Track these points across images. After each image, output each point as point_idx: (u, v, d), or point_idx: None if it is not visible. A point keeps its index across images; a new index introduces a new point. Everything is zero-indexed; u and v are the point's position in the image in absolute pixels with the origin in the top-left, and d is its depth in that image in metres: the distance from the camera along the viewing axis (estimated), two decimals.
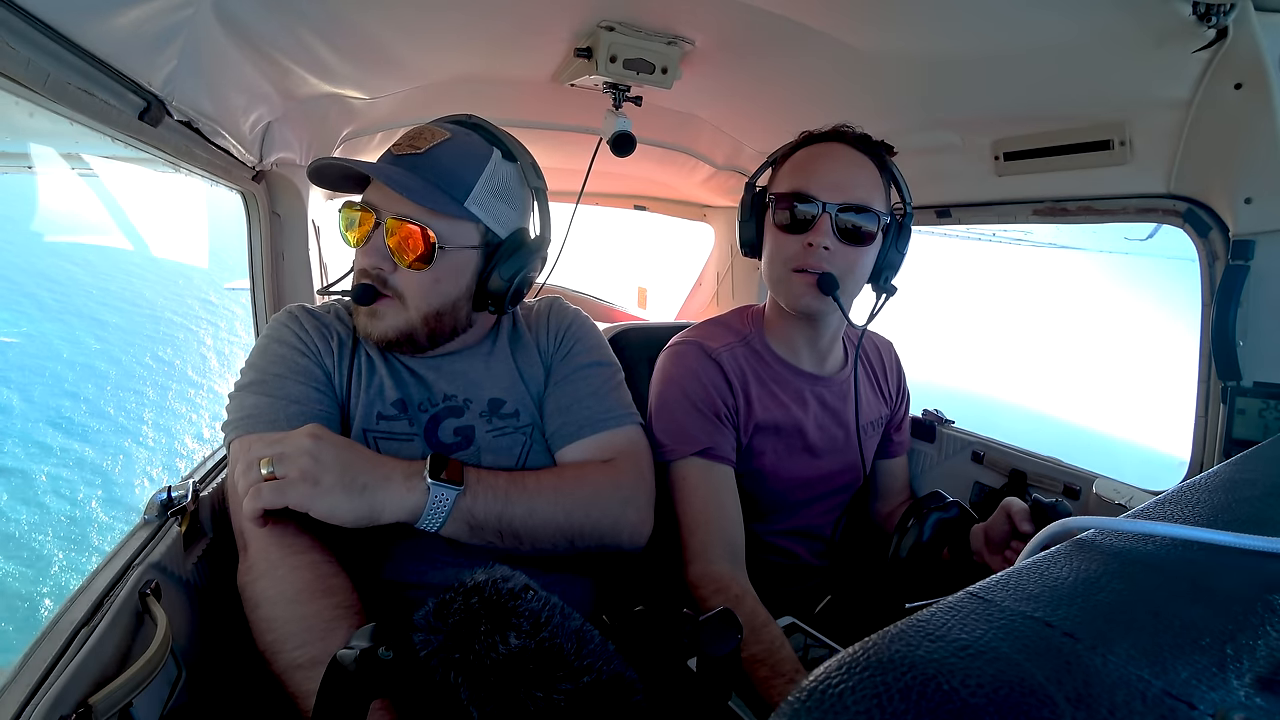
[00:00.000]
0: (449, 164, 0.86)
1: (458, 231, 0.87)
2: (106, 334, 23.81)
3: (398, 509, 0.76)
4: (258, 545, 0.78)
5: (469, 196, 0.86)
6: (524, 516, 0.83)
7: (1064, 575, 0.31)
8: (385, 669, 0.50)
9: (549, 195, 0.97)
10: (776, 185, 1.09)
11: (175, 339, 26.99)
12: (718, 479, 1.05)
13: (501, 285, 0.90)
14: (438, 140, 0.87)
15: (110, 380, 18.30)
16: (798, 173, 1.06)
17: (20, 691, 0.55)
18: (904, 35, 1.05)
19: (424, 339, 0.91)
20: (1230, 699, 0.23)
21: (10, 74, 0.65)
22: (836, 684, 0.22)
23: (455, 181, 0.85)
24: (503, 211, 0.90)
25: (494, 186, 0.89)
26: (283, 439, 0.75)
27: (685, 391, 1.08)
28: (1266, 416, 0.95)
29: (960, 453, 1.44)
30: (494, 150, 0.90)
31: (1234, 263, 0.97)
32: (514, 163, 0.93)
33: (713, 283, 2.52)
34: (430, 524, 0.77)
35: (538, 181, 0.94)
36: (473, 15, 1.12)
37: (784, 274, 1.06)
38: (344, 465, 0.74)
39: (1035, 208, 1.29)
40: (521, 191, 0.94)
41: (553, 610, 0.60)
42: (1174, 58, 0.90)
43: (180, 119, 0.97)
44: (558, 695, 0.55)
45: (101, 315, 27.46)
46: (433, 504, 0.77)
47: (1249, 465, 0.48)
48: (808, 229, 1.02)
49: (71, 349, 21.24)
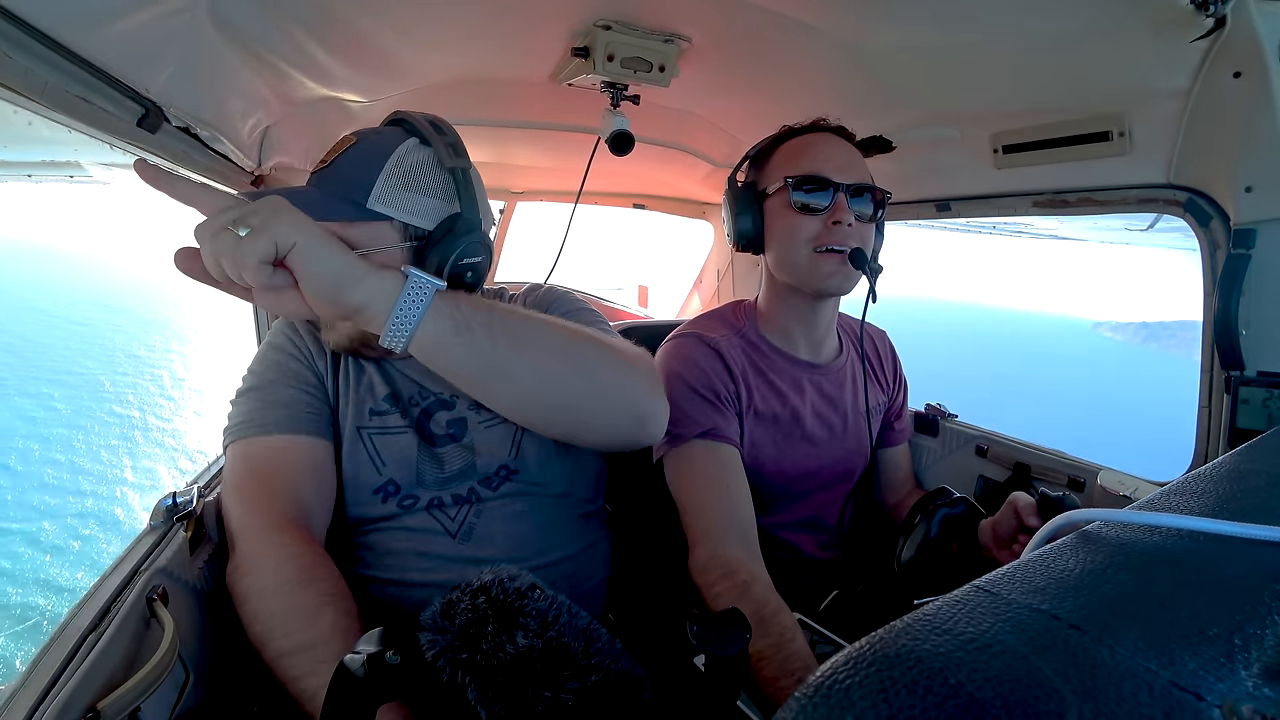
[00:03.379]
0: (348, 170, 0.84)
1: (371, 234, 0.83)
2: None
3: (376, 288, 0.67)
4: (244, 543, 0.79)
5: (370, 197, 0.82)
6: (513, 331, 0.75)
7: (1070, 568, 0.31)
8: (393, 673, 0.51)
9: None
10: (776, 174, 1.10)
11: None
12: (723, 458, 1.03)
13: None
14: (344, 148, 0.85)
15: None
16: (801, 159, 1.08)
17: (29, 697, 0.55)
18: (902, 30, 1.05)
19: (376, 341, 0.90)
20: (1238, 689, 0.23)
21: (8, 83, 0.65)
22: (843, 679, 0.22)
23: (354, 186, 0.82)
24: (415, 202, 0.85)
25: (401, 179, 0.84)
26: (249, 204, 0.65)
27: (685, 378, 1.08)
28: (1270, 406, 0.95)
29: (964, 447, 1.44)
30: (405, 140, 0.86)
31: (1235, 252, 0.97)
32: (429, 148, 0.87)
33: (713, 280, 2.52)
34: (407, 316, 0.68)
35: (455, 162, 0.85)
36: (469, 17, 1.12)
37: (808, 255, 1.06)
38: (319, 230, 0.66)
39: (1035, 200, 1.29)
40: (440, 177, 0.87)
41: (560, 609, 0.60)
42: (1172, 47, 0.90)
43: (178, 125, 0.97)
44: (565, 694, 0.55)
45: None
46: (411, 287, 0.68)
47: (1253, 455, 0.48)
48: (827, 208, 1.04)
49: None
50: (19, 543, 7.95)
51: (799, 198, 1.06)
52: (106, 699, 0.59)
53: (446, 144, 0.86)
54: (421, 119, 0.88)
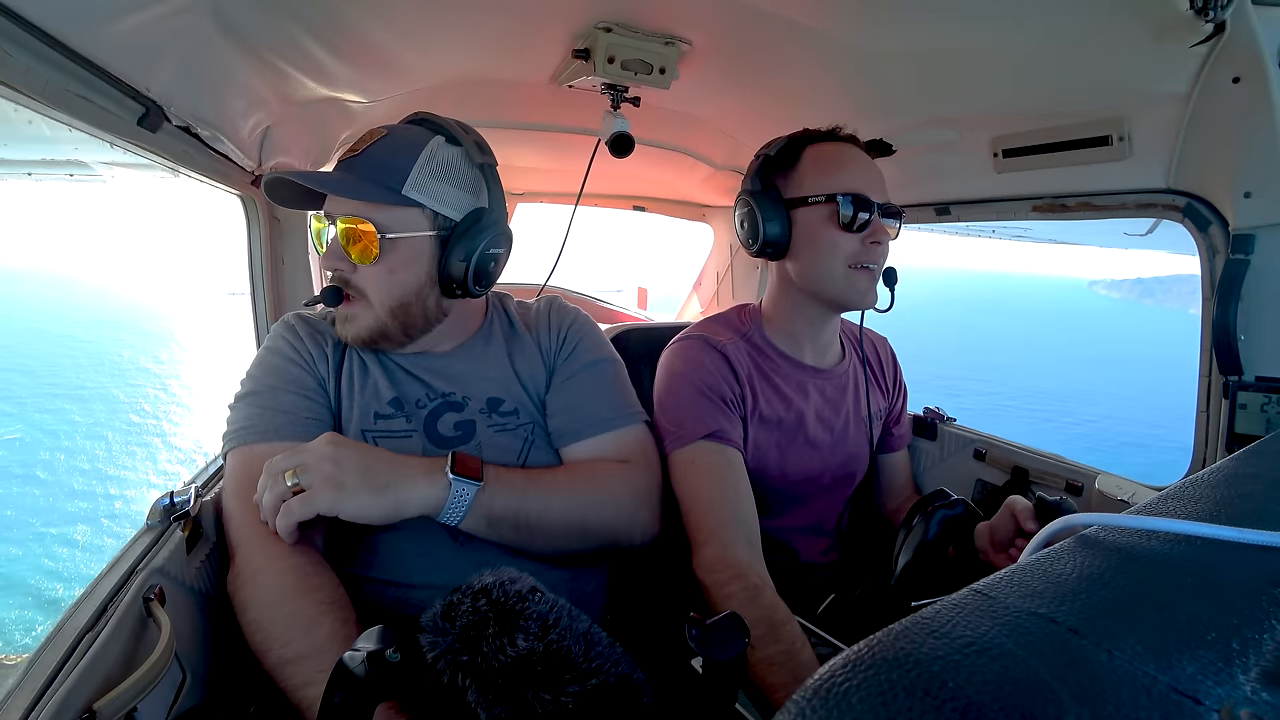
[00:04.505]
0: (383, 157, 0.88)
1: (402, 219, 0.88)
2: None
3: (421, 503, 0.79)
4: (244, 553, 0.80)
5: (406, 183, 0.87)
6: (540, 512, 0.85)
7: (1068, 572, 0.31)
8: (393, 671, 0.50)
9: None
10: (812, 184, 1.09)
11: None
12: (729, 460, 1.03)
13: (460, 267, 0.90)
14: (375, 139, 0.89)
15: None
16: (841, 173, 1.08)
17: (25, 697, 0.55)
18: (901, 33, 1.05)
19: (397, 334, 0.92)
20: (1236, 694, 0.23)
21: (9, 81, 0.65)
22: (841, 682, 0.22)
23: (389, 171, 0.87)
24: (447, 193, 0.90)
25: (433, 170, 0.89)
26: (302, 449, 0.78)
27: (691, 380, 1.08)
28: (1269, 411, 0.95)
29: (962, 450, 1.44)
30: (434, 137, 0.91)
31: (1234, 257, 0.97)
32: (458, 146, 0.92)
33: (713, 282, 2.52)
34: (451, 517, 0.80)
35: (483, 158, 0.93)
36: (470, 18, 1.12)
37: (844, 272, 1.08)
38: (364, 467, 0.77)
39: (1035, 204, 1.29)
40: (469, 171, 0.92)
41: (560, 612, 0.60)
42: (1172, 52, 0.90)
43: (179, 124, 0.97)
44: (566, 697, 0.55)
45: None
46: (454, 498, 0.79)
47: (1251, 460, 0.48)
48: (867, 227, 1.06)
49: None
50: (57, 544, 8.32)
51: (847, 215, 1.05)
52: (103, 699, 0.59)
53: (473, 141, 0.92)
54: (446, 119, 0.93)
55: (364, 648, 0.51)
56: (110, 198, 64.31)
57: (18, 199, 54.08)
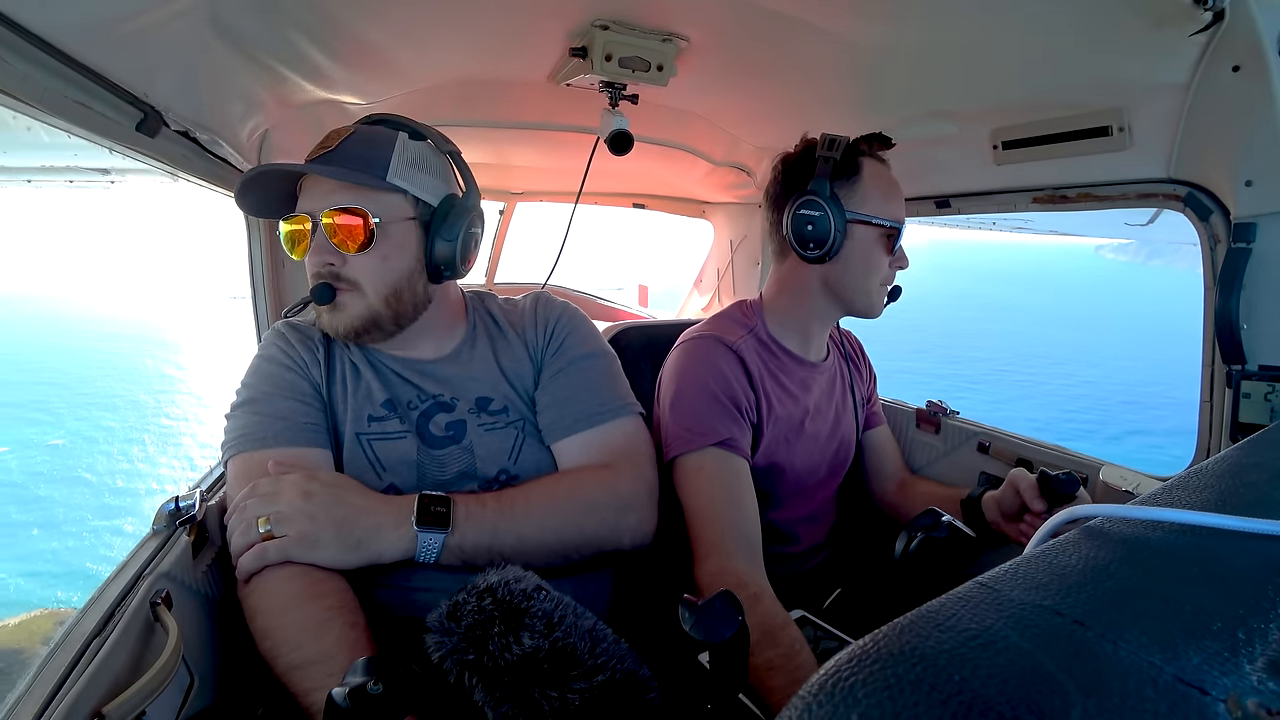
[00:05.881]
0: (360, 150, 0.90)
1: (390, 206, 0.90)
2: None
3: (394, 552, 0.81)
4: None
5: (388, 170, 0.89)
6: (514, 543, 0.85)
7: (1072, 563, 0.31)
8: (375, 704, 0.50)
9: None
10: (874, 205, 1.10)
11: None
12: (736, 470, 1.04)
13: (449, 249, 0.92)
14: (345, 135, 0.91)
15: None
16: (894, 200, 1.13)
17: (34, 702, 0.56)
18: (899, 26, 1.05)
19: (389, 322, 0.93)
20: (1243, 683, 0.23)
21: (8, 88, 0.65)
22: (847, 676, 0.22)
23: (371, 161, 0.89)
24: (425, 180, 0.93)
25: (409, 159, 0.91)
26: (276, 495, 0.79)
27: (705, 382, 1.07)
28: (1272, 400, 0.95)
29: (966, 443, 1.44)
30: (399, 132, 0.93)
31: (1236, 246, 0.97)
32: (423, 140, 0.95)
33: (713, 279, 2.52)
34: (425, 559, 0.83)
35: (448, 146, 0.97)
36: (467, 18, 1.12)
37: (877, 289, 1.14)
38: (338, 523, 0.79)
39: (1035, 196, 1.28)
40: (438, 160, 0.96)
41: (565, 610, 0.60)
42: (1171, 41, 0.90)
43: (178, 129, 0.97)
44: (572, 695, 0.55)
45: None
46: (423, 546, 0.82)
47: (1256, 449, 0.48)
48: (895, 251, 1.13)
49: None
50: (109, 534, 8.89)
51: (899, 246, 1.12)
52: (111, 703, 0.59)
53: (436, 134, 0.96)
54: (403, 118, 0.97)
55: (350, 682, 0.52)
56: (110, 201, 64.07)
57: (17, 208, 53.86)
